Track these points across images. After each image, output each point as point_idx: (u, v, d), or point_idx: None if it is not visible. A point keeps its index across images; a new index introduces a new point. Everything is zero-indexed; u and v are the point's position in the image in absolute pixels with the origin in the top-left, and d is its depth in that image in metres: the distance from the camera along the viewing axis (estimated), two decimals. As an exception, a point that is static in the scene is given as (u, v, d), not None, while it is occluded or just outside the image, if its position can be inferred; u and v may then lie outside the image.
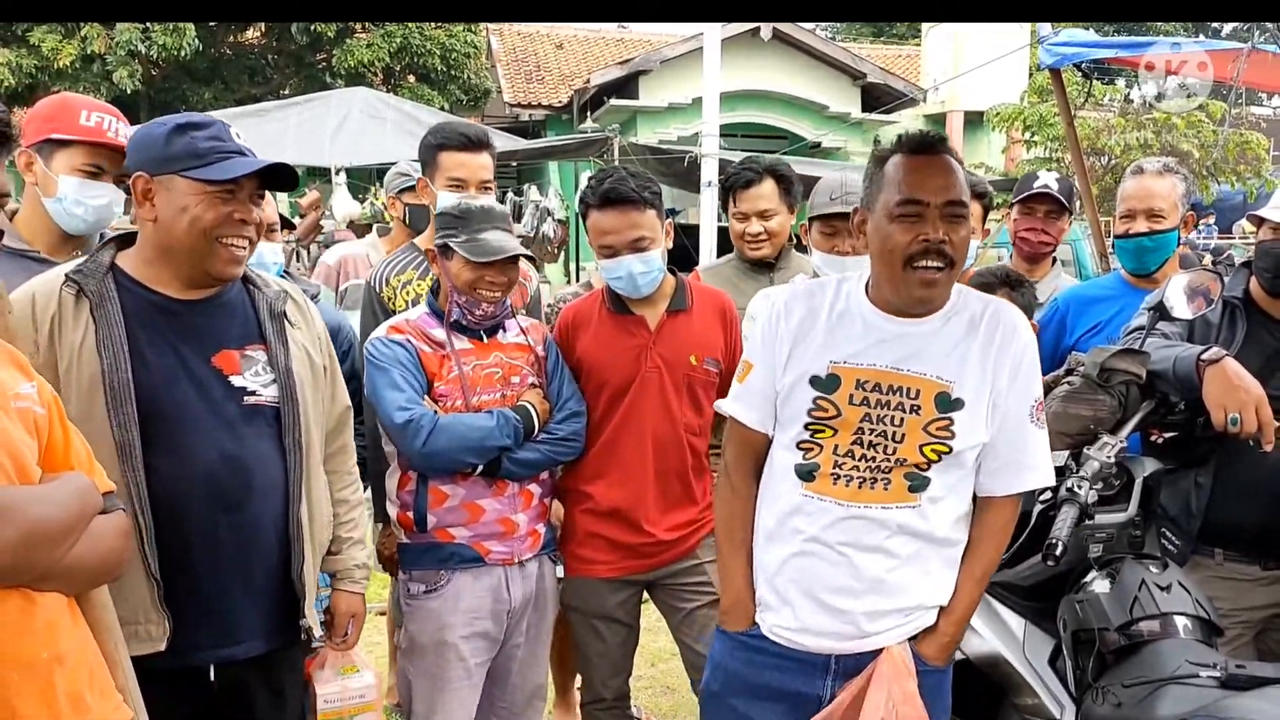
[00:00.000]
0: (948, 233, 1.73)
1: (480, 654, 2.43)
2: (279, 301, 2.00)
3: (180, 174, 1.79)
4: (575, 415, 2.50)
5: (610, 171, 2.56)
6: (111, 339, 1.76)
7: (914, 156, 1.79)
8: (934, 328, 1.83)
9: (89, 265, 1.83)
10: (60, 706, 1.30)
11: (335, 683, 2.18)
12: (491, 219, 2.41)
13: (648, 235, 2.49)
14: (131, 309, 1.81)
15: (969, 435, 1.79)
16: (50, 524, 1.30)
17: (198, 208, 1.79)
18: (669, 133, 15.07)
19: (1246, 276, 2.36)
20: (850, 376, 1.81)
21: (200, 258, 1.82)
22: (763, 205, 3.05)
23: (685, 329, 2.59)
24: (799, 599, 1.86)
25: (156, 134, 1.82)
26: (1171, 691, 1.71)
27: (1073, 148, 4.69)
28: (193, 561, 1.82)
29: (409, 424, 2.25)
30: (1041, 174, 3.34)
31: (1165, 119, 11.57)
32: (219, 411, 1.85)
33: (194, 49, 13.07)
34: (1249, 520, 2.24)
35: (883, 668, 1.78)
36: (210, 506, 1.82)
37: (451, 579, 2.38)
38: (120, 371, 1.75)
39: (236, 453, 1.85)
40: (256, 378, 1.91)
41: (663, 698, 3.76)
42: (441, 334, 2.41)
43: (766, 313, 1.95)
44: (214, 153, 1.80)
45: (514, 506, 2.42)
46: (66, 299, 1.77)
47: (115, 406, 1.73)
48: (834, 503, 1.82)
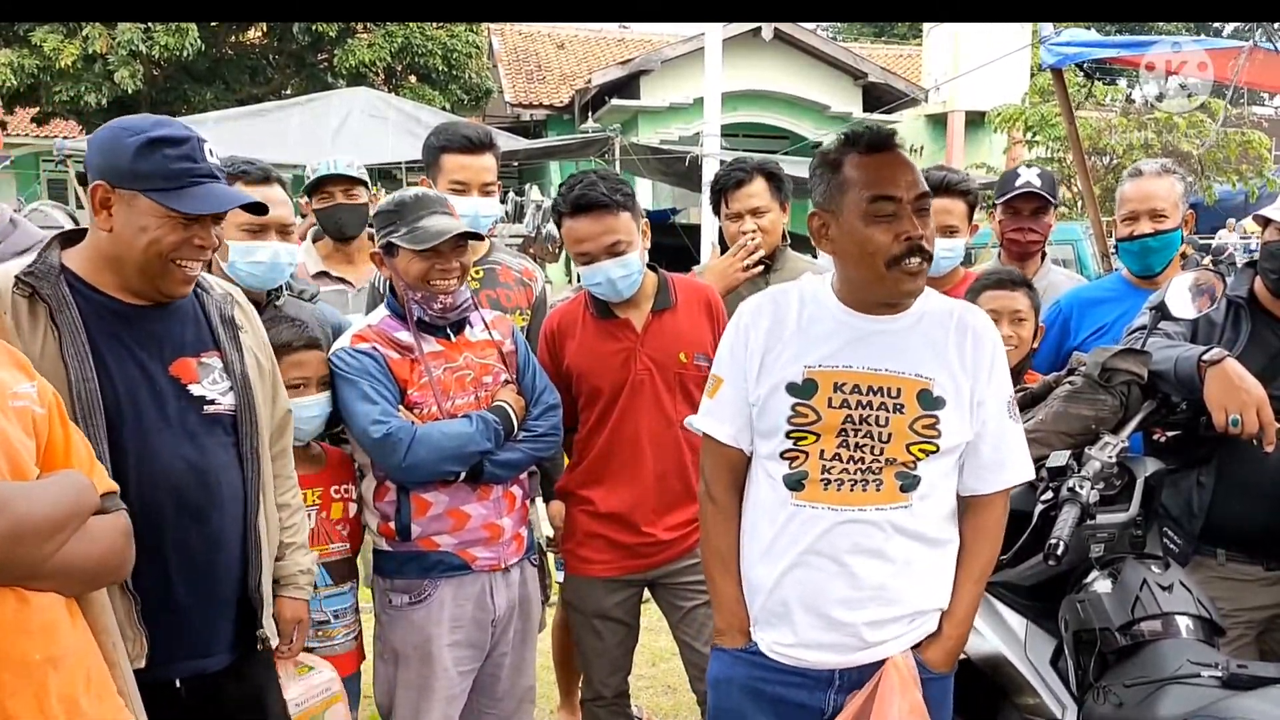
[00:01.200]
0: (921, 227, 1.74)
1: (465, 663, 2.38)
2: (227, 305, 1.94)
3: (145, 193, 1.70)
4: (551, 409, 2.45)
5: (580, 177, 2.51)
6: (76, 346, 1.68)
7: (873, 154, 1.78)
8: (907, 325, 1.82)
9: (40, 267, 1.71)
10: (53, 710, 1.28)
11: (297, 685, 2.15)
12: (428, 205, 2.32)
13: (623, 239, 2.46)
14: (88, 314, 1.72)
15: (955, 433, 1.79)
16: (38, 519, 1.28)
17: (158, 230, 1.71)
18: (670, 133, 15.09)
19: (1251, 276, 2.35)
20: (827, 380, 1.79)
21: (153, 276, 1.76)
22: (755, 203, 3.04)
23: (672, 327, 2.57)
24: (798, 614, 1.82)
25: (126, 144, 1.71)
26: (1173, 691, 1.71)
27: (1074, 148, 4.70)
28: (165, 574, 1.76)
29: (386, 439, 2.19)
30: (1022, 170, 3.26)
31: (1167, 119, 11.56)
32: (181, 421, 1.79)
33: (196, 49, 13.05)
34: (1251, 520, 2.23)
35: (888, 679, 1.74)
36: (179, 518, 1.77)
37: (436, 588, 2.32)
38: (88, 381, 1.67)
39: (200, 463, 1.80)
40: (214, 385, 1.85)
41: (663, 697, 3.76)
42: (407, 337, 2.32)
43: (732, 326, 1.92)
44: (185, 175, 1.72)
45: (499, 511, 2.37)
46: (20, 303, 1.67)
47: (84, 417, 1.65)
48: (827, 509, 1.78)
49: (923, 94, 16.26)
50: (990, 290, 2.64)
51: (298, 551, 2.10)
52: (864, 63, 16.55)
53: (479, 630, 2.38)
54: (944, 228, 2.87)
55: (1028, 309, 2.63)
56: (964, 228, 3.00)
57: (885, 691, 1.73)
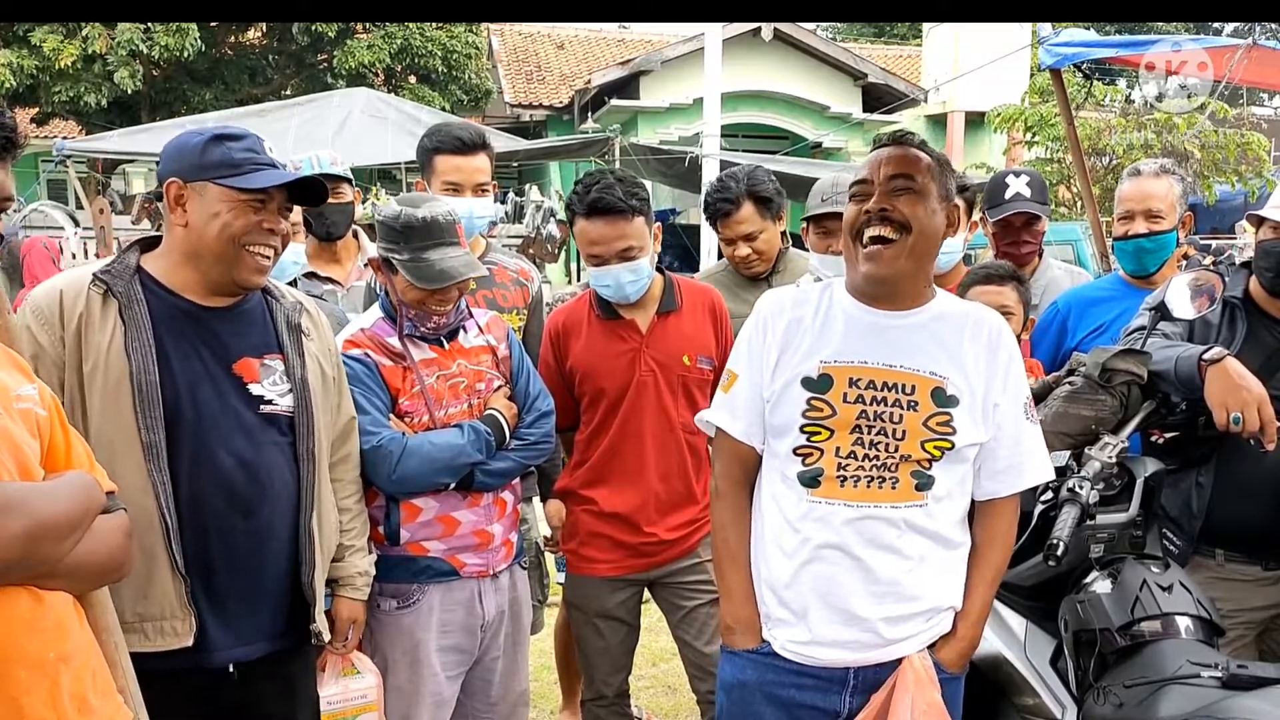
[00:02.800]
0: (893, 202, 1.77)
1: (453, 667, 2.37)
2: (295, 313, 2.04)
3: (214, 181, 1.83)
4: (544, 416, 2.43)
5: (597, 177, 2.50)
6: (140, 341, 1.79)
7: (878, 149, 1.86)
8: (921, 322, 1.83)
9: (116, 266, 1.85)
10: (65, 707, 1.30)
11: (336, 685, 2.19)
12: (437, 234, 2.23)
13: (636, 244, 2.46)
14: (157, 312, 1.83)
15: (969, 432, 1.79)
16: (55, 518, 1.31)
17: (229, 214, 1.83)
18: (670, 133, 15.09)
19: (1246, 276, 2.36)
20: (842, 375, 1.80)
21: (227, 264, 1.86)
22: (745, 230, 3.03)
23: (676, 330, 2.58)
24: (815, 610, 1.80)
25: (193, 143, 1.85)
26: (1173, 692, 1.71)
27: (1073, 148, 4.70)
28: (210, 562, 1.85)
29: (377, 450, 2.17)
30: (1010, 180, 3.18)
31: (1166, 119, 11.55)
32: (238, 418, 1.88)
33: (195, 49, 13.07)
34: (1250, 520, 2.23)
35: (905, 678, 1.74)
36: (228, 510, 1.85)
37: (425, 593, 2.31)
38: (149, 374, 1.78)
39: (253, 459, 1.88)
40: (274, 387, 1.94)
41: (664, 697, 3.76)
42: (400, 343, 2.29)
43: (751, 321, 1.93)
44: (248, 163, 1.85)
45: (489, 517, 2.35)
46: (94, 298, 1.80)
47: (144, 408, 1.76)
48: (843, 504, 1.78)
49: (922, 94, 16.26)
50: (978, 285, 2.70)
51: (357, 554, 2.16)
52: (864, 63, 16.55)
53: (468, 635, 2.37)
54: None
55: (1015, 303, 2.67)
56: (961, 225, 2.98)
57: (902, 690, 1.73)
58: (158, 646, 1.77)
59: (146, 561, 1.75)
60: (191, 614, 1.80)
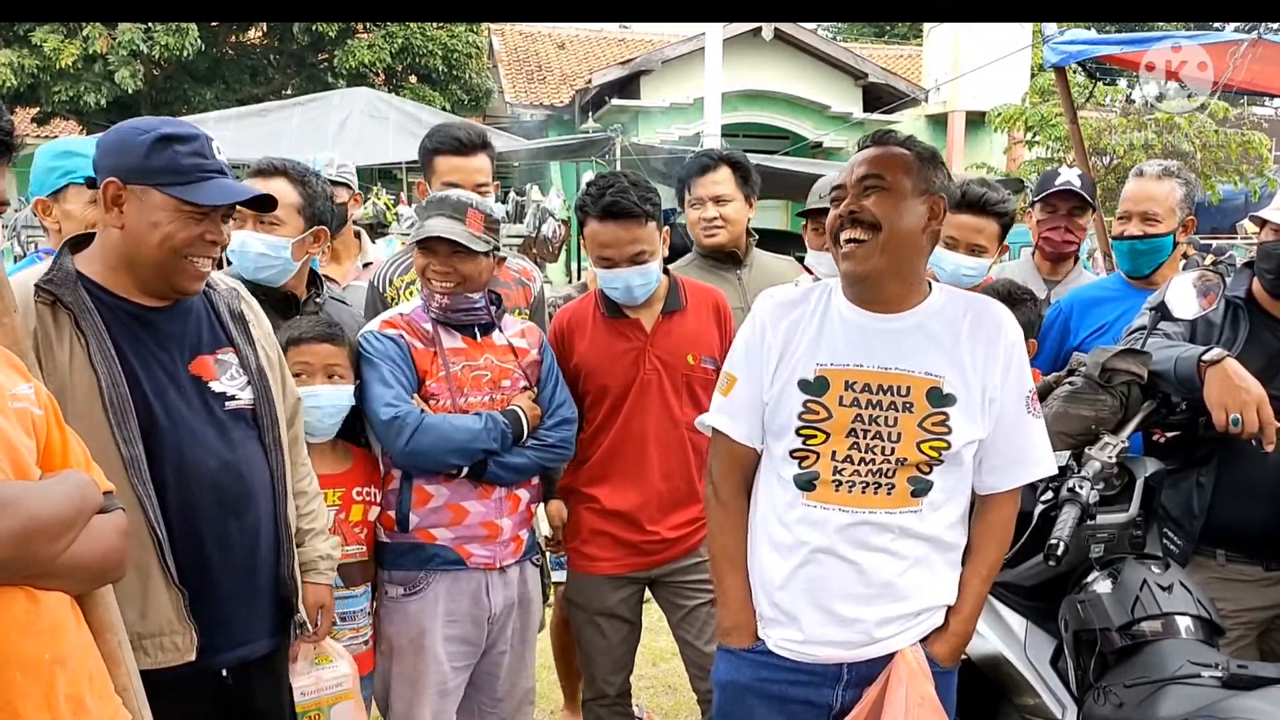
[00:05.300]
0: (861, 203, 1.78)
1: (459, 659, 2.40)
2: (235, 300, 1.98)
3: (158, 188, 1.73)
4: (566, 422, 2.48)
5: (611, 180, 2.52)
6: (104, 353, 1.70)
7: (860, 151, 1.87)
8: (915, 322, 1.83)
9: (58, 275, 1.73)
10: (60, 709, 1.29)
11: (309, 675, 2.16)
12: (442, 206, 2.33)
13: (647, 249, 2.48)
14: (108, 319, 1.75)
15: (965, 431, 1.79)
16: (50, 517, 1.30)
17: (171, 225, 1.74)
18: (670, 133, 15.08)
19: (1249, 277, 2.35)
20: (839, 378, 1.80)
21: (166, 273, 1.78)
22: (717, 190, 3.06)
23: (680, 329, 2.59)
24: (807, 611, 1.82)
25: (137, 142, 1.74)
26: (1173, 691, 1.71)
27: (1076, 147, 4.68)
28: (208, 569, 1.82)
29: (394, 421, 2.24)
30: (1063, 170, 3.22)
31: (1167, 119, 11.54)
32: (209, 418, 1.84)
33: (196, 49, 13.05)
34: (1251, 521, 2.23)
35: (898, 672, 1.75)
36: (220, 513, 1.83)
37: (431, 581, 2.35)
38: (118, 386, 1.71)
39: (232, 458, 1.86)
40: (232, 381, 1.90)
41: (664, 697, 3.76)
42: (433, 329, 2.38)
43: (749, 324, 1.93)
44: (196, 170, 1.75)
45: (499, 511, 2.39)
46: (44, 313, 1.69)
47: (118, 422, 1.69)
48: (838, 510, 1.79)
49: (923, 94, 16.25)
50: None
51: (317, 538, 2.13)
52: (864, 63, 16.54)
53: (474, 626, 2.40)
54: (971, 246, 2.82)
55: None
56: (992, 248, 2.87)
57: (896, 683, 1.74)
58: (160, 664, 1.73)
59: (140, 579, 1.71)
60: (192, 627, 1.77)
